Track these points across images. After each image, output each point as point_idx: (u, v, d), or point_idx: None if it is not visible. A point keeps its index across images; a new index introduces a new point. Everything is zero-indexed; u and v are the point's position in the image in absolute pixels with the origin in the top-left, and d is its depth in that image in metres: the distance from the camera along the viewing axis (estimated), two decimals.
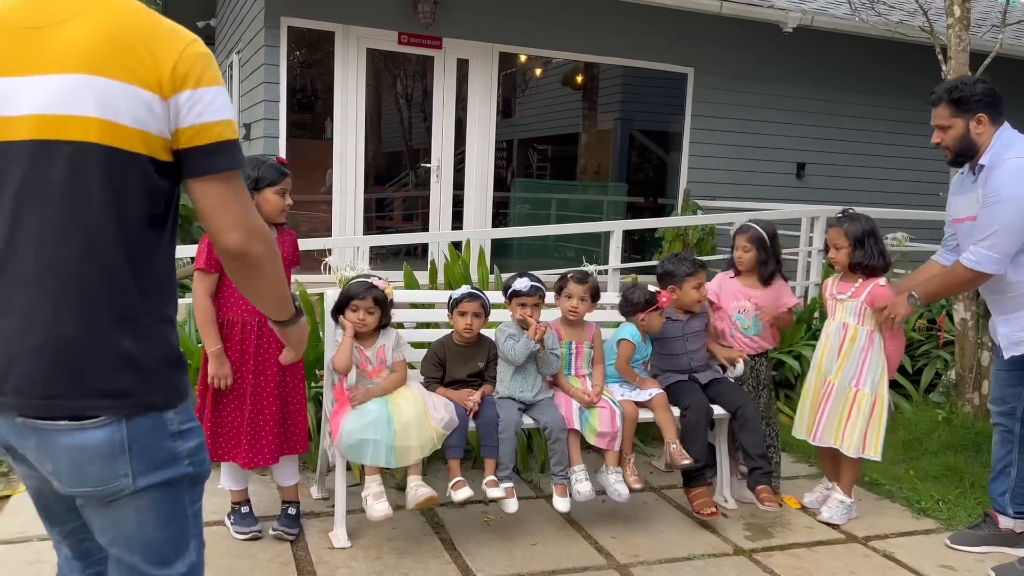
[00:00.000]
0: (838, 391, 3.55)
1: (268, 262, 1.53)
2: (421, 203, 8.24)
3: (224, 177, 1.46)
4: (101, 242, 1.40)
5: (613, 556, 3.17)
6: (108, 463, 1.43)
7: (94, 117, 1.35)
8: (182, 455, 1.52)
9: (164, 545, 1.55)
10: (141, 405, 1.45)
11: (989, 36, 8.17)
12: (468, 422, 3.21)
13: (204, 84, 1.43)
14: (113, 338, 1.42)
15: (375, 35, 7.62)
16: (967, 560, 3.28)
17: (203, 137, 1.43)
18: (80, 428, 1.41)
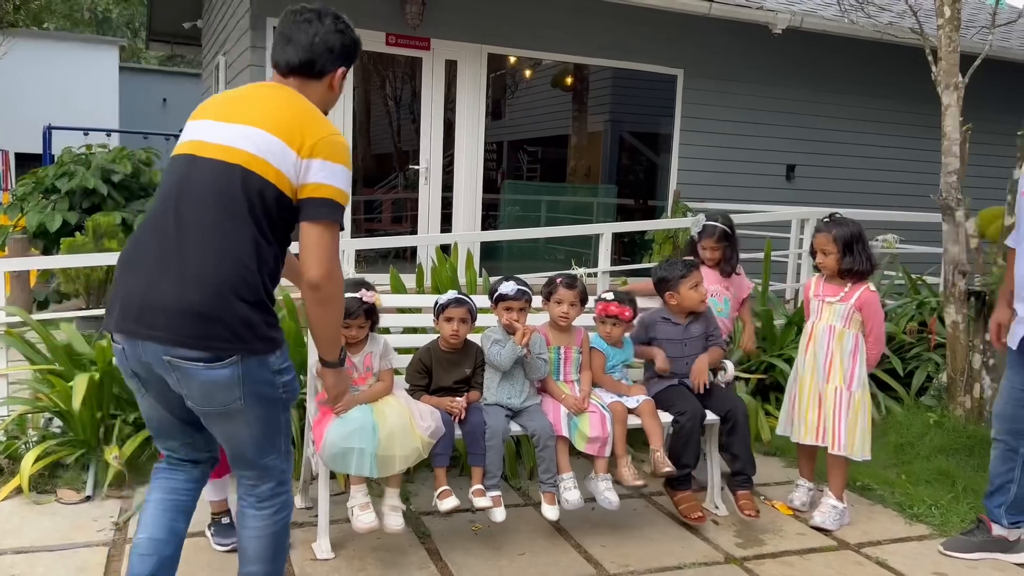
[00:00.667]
0: (827, 393, 3.57)
1: (336, 301, 2.16)
2: (410, 205, 8.18)
3: (323, 224, 2.08)
4: (238, 235, 2.03)
5: (603, 565, 3.12)
6: (229, 391, 2.05)
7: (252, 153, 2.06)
8: (279, 385, 2.16)
9: (264, 442, 2.19)
10: (251, 351, 2.05)
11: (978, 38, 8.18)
12: (455, 429, 3.15)
13: (331, 160, 2.10)
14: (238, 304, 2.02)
15: (362, 36, 7.46)
16: (960, 567, 3.24)
17: (319, 192, 2.08)
18: (209, 367, 2.02)
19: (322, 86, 2.26)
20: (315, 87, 2.25)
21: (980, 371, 4.66)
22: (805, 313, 3.83)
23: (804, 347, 3.68)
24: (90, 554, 3.01)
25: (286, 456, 2.29)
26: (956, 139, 4.67)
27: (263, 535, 2.26)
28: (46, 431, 3.80)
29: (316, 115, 2.15)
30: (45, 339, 3.89)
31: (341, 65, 2.28)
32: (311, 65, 2.22)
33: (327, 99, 2.30)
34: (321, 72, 2.24)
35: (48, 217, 7.33)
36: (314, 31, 2.21)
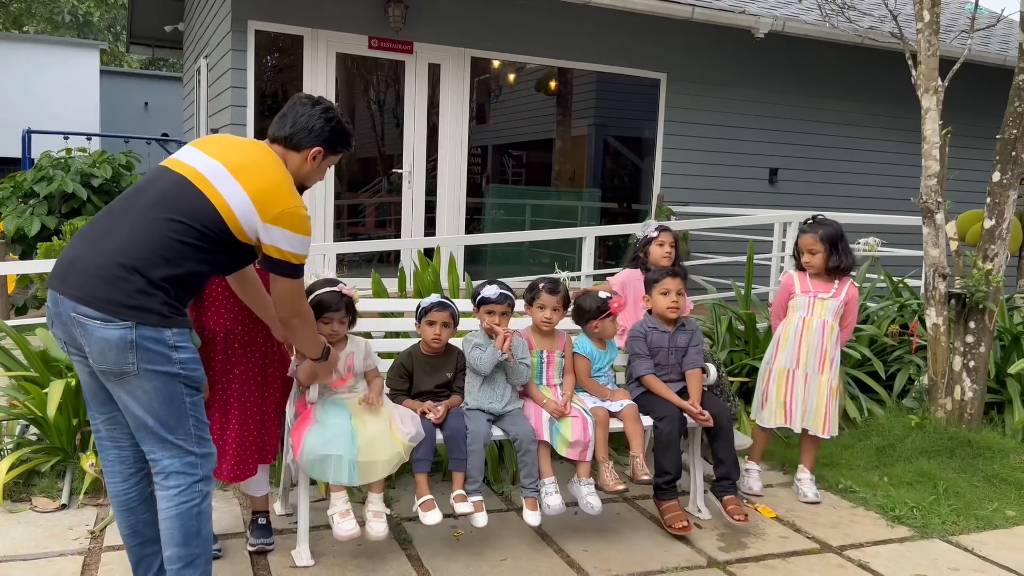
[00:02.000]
0: (821, 383, 3.79)
1: (305, 326, 2.63)
2: (393, 209, 8.14)
3: (289, 279, 2.48)
4: (163, 231, 2.28)
5: (585, 570, 3.10)
6: (121, 352, 2.23)
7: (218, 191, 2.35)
8: (175, 360, 2.30)
9: (166, 417, 2.32)
10: (145, 320, 2.24)
11: (957, 42, 8.26)
12: (436, 434, 3.13)
13: (292, 231, 2.42)
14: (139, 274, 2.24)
15: (344, 39, 7.53)
16: (943, 569, 3.25)
17: (284, 256, 2.44)
18: (104, 326, 2.21)
19: (300, 158, 2.58)
20: (294, 158, 2.57)
21: (961, 373, 4.68)
22: (779, 307, 3.95)
23: (796, 341, 3.81)
24: (65, 563, 2.96)
25: (197, 442, 2.38)
26: (936, 142, 4.70)
27: (168, 516, 2.36)
28: (21, 438, 3.75)
29: (288, 187, 2.44)
30: (20, 345, 3.83)
31: (318, 145, 2.58)
32: (290, 138, 2.57)
33: (303, 171, 2.60)
34: (298, 146, 2.57)
35: (27, 221, 7.25)
36: (304, 112, 2.58)
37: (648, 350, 3.60)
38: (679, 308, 3.59)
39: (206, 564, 2.42)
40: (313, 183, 2.69)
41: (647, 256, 3.92)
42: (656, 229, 3.94)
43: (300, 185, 2.59)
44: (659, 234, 3.92)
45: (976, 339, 4.67)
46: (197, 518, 2.38)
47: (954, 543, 3.50)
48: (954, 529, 3.63)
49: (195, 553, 2.38)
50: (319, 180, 2.70)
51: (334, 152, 2.65)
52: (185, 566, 2.37)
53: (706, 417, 3.44)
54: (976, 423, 4.65)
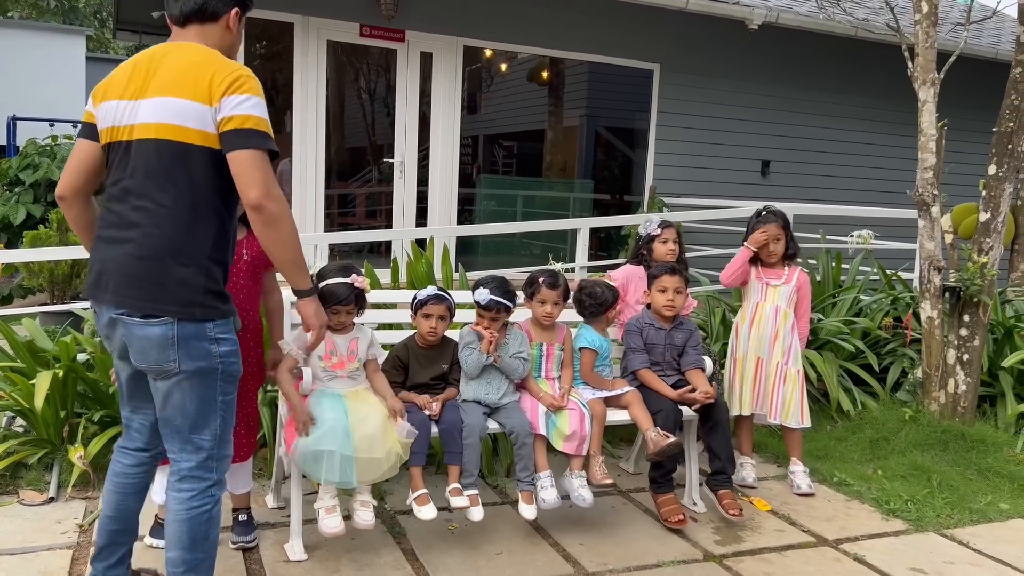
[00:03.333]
0: (769, 368, 3.86)
1: (282, 220, 2.17)
2: (384, 199, 8.08)
3: (252, 151, 2.13)
4: (191, 205, 2.15)
5: (581, 564, 3.08)
6: (163, 350, 2.16)
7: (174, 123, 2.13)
8: (216, 355, 2.22)
9: (196, 415, 2.23)
10: (188, 315, 2.16)
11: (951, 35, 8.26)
12: (430, 428, 3.09)
13: (244, 93, 2.14)
14: (175, 267, 2.14)
15: (336, 27, 7.44)
16: (938, 563, 3.25)
17: (243, 124, 2.13)
18: (144, 323, 2.14)
19: (219, 29, 2.30)
20: (213, 31, 2.29)
21: (955, 366, 4.68)
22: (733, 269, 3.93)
23: (748, 326, 3.92)
24: (53, 557, 2.91)
25: (219, 443, 2.29)
26: (933, 135, 4.69)
27: (178, 519, 2.27)
28: (8, 430, 3.69)
29: (218, 60, 2.19)
30: (7, 335, 3.76)
31: (235, 5, 2.32)
32: (204, 9, 2.26)
33: (228, 42, 2.33)
34: (215, 14, 2.28)
35: (12, 210, 7.15)
36: None
37: (643, 345, 3.57)
38: (675, 306, 3.56)
39: (209, 570, 2.35)
40: (236, 53, 2.41)
41: (650, 253, 3.88)
42: (659, 226, 3.90)
43: None
44: (662, 231, 3.88)
45: (970, 332, 4.67)
46: (206, 524, 2.30)
47: (949, 536, 3.50)
48: (949, 522, 3.63)
49: (199, 558, 2.31)
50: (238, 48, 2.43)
51: (247, 8, 2.39)
52: (188, 570, 2.29)
53: (709, 393, 3.42)
54: (969, 416, 4.66)
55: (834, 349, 5.04)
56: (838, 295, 5.57)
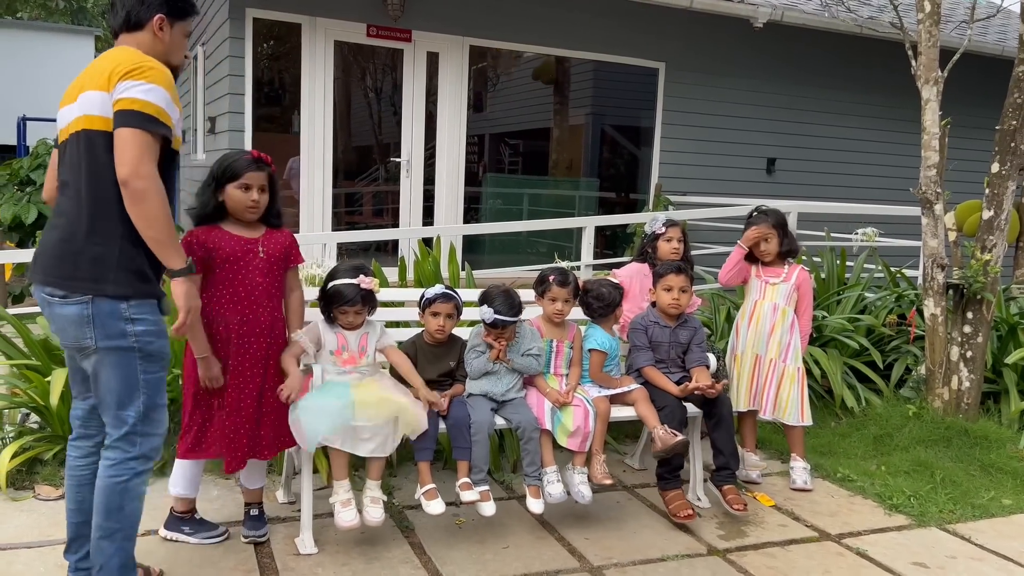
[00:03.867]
0: (769, 367, 3.90)
1: (148, 198, 2.24)
2: (391, 198, 8.13)
3: (129, 129, 2.24)
4: (94, 188, 2.30)
5: (586, 558, 3.12)
6: (79, 328, 2.30)
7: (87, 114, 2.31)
8: (130, 334, 2.33)
9: (121, 393, 2.36)
10: (102, 292, 2.29)
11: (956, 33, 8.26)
12: (438, 423, 3.14)
13: (136, 79, 2.27)
14: (89, 247, 2.29)
15: (343, 27, 7.49)
16: (940, 557, 3.28)
17: (125, 105, 2.26)
18: (63, 301, 2.30)
19: (148, 35, 2.45)
20: (142, 37, 2.45)
21: (958, 363, 4.71)
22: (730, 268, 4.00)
23: (746, 324, 3.98)
24: None
25: (145, 420, 2.40)
26: (936, 133, 4.71)
27: (99, 486, 2.41)
28: (23, 427, 3.75)
29: (127, 55, 2.33)
30: (22, 333, 3.83)
31: (158, 12, 2.45)
32: (128, 20, 2.44)
33: (157, 48, 2.46)
34: (139, 23, 2.44)
35: (23, 209, 7.21)
36: None
37: (648, 343, 3.61)
38: (680, 305, 3.60)
39: (123, 540, 2.44)
40: (180, 60, 2.54)
41: (655, 251, 3.92)
42: (664, 225, 3.94)
43: (168, 66, 2.42)
44: (667, 230, 3.92)
45: (974, 329, 4.69)
46: (121, 495, 2.40)
47: (951, 531, 3.54)
48: (951, 518, 3.66)
49: (114, 528, 2.41)
50: (183, 55, 2.56)
51: (178, 15, 2.50)
52: (103, 537, 2.41)
53: (715, 389, 3.45)
54: (973, 413, 4.69)
55: (838, 346, 5.08)
56: (843, 292, 5.60)
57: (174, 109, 2.36)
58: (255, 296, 2.89)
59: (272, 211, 2.97)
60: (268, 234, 2.96)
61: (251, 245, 2.90)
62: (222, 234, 2.88)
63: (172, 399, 3.47)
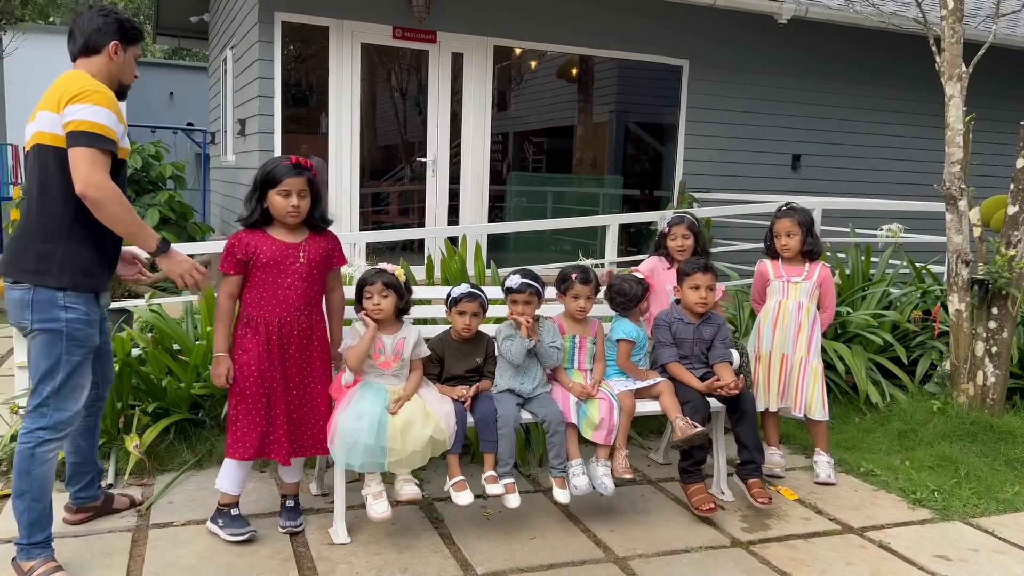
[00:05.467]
0: (793, 363, 3.95)
1: (106, 204, 2.61)
2: (417, 197, 8.24)
3: (79, 149, 2.59)
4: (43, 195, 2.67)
5: (611, 549, 3.20)
6: (21, 309, 2.69)
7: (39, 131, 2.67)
8: (61, 319, 2.69)
9: (42, 365, 2.69)
10: (43, 284, 2.67)
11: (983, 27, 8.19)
12: (466, 417, 3.23)
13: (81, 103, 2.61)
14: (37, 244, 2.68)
15: (369, 29, 7.61)
16: (962, 550, 3.31)
17: (73, 127, 2.60)
18: (11, 287, 2.69)
19: (103, 59, 2.81)
20: (98, 61, 2.81)
21: (983, 359, 4.71)
22: (757, 294, 4.13)
23: (772, 324, 4.00)
24: (114, 539, 3.10)
25: (59, 395, 2.70)
26: (960, 129, 4.71)
27: (14, 451, 2.75)
28: None
29: (74, 80, 2.68)
30: None
31: (112, 39, 2.81)
32: (86, 46, 2.80)
33: (112, 70, 2.83)
34: (96, 48, 2.80)
35: None
36: (85, 21, 2.81)
37: (672, 340, 3.67)
38: (707, 304, 3.65)
39: (32, 502, 2.70)
40: (129, 79, 2.91)
41: (667, 249, 3.99)
42: (668, 224, 3.99)
43: (119, 85, 2.85)
44: (670, 228, 3.97)
45: (999, 325, 4.69)
46: (28, 460, 2.69)
47: (974, 525, 3.56)
48: (975, 512, 3.68)
49: (23, 489, 2.70)
50: (132, 75, 2.92)
51: (130, 41, 2.87)
52: (15, 496, 2.71)
53: (735, 385, 3.49)
54: (998, 408, 4.69)
55: (863, 342, 5.09)
56: (867, 288, 5.61)
57: (118, 125, 2.71)
58: (291, 300, 3.01)
59: (315, 214, 3.07)
60: (311, 238, 3.06)
61: (292, 250, 3.01)
62: (264, 238, 3.00)
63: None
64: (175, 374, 3.93)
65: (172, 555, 2.99)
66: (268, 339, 2.99)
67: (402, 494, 3.10)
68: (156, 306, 4.38)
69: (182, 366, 3.93)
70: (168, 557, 2.97)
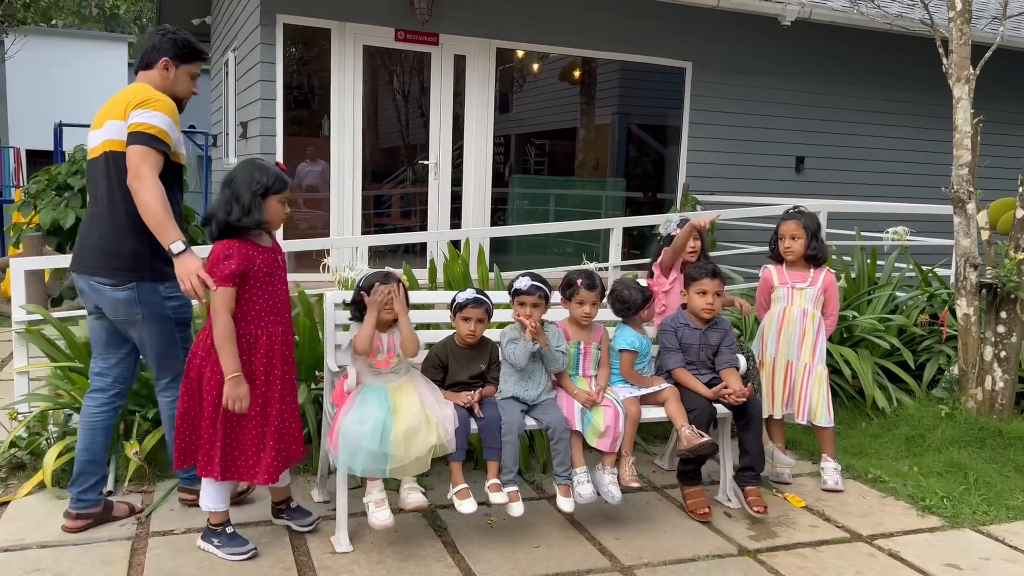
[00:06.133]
0: (798, 369, 3.92)
1: (142, 192, 2.85)
2: (419, 200, 8.20)
3: (133, 147, 2.88)
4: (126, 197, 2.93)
5: (617, 558, 3.15)
6: (129, 307, 3.01)
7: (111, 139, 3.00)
8: (168, 308, 3.08)
9: (163, 348, 3.11)
10: (143, 279, 3.01)
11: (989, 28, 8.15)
12: (470, 423, 3.19)
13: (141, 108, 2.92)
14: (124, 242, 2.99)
15: (371, 32, 7.58)
16: (973, 559, 3.27)
17: (131, 128, 2.91)
18: (114, 288, 3.00)
19: (156, 73, 3.10)
20: (151, 75, 3.10)
21: (992, 363, 4.67)
22: (762, 300, 4.08)
23: (776, 330, 3.96)
24: (113, 548, 3.06)
25: (181, 362, 3.05)
26: (968, 132, 4.67)
27: (164, 415, 3.22)
28: (67, 427, 3.85)
29: (138, 90, 2.99)
30: (65, 336, 3.93)
31: (164, 56, 3.08)
32: (143, 61, 3.12)
33: (166, 84, 3.10)
34: (150, 64, 3.10)
35: (62, 214, 7.37)
36: (148, 39, 3.14)
37: (679, 345, 3.63)
38: (714, 309, 3.61)
39: None
40: (185, 94, 3.17)
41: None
42: (678, 226, 3.94)
43: (174, 99, 3.07)
44: (681, 231, 3.90)
45: (1007, 329, 4.65)
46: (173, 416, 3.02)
47: (985, 533, 3.52)
48: (985, 519, 3.64)
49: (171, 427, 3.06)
50: (188, 90, 3.18)
51: (183, 60, 3.12)
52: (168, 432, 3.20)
53: (741, 392, 3.45)
54: (1007, 413, 4.64)
55: (869, 346, 5.05)
56: (873, 292, 5.56)
57: (174, 131, 3.00)
58: (285, 309, 3.00)
59: None
60: (274, 242, 3.05)
61: (275, 255, 2.99)
62: (253, 247, 2.90)
63: None
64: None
65: (172, 564, 2.95)
66: (273, 349, 2.93)
67: (407, 502, 3.07)
68: None
69: None
70: (168, 566, 2.93)
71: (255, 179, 2.86)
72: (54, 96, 16.20)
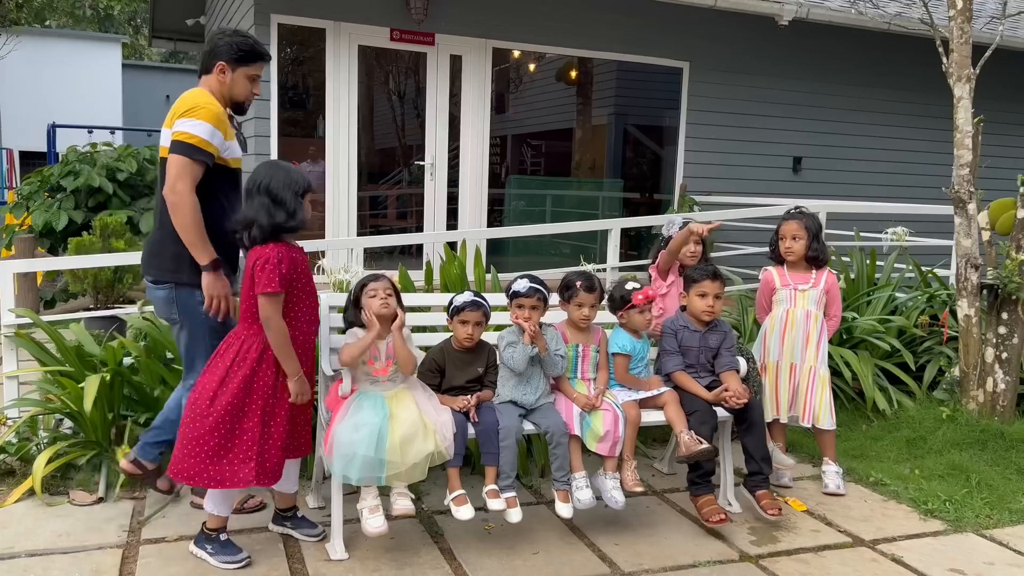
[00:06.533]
0: (802, 372, 3.87)
1: (179, 209, 2.93)
2: (415, 201, 8.15)
3: (174, 156, 2.95)
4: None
5: (617, 564, 3.10)
6: (168, 306, 3.08)
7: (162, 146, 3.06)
8: (201, 313, 3.03)
9: (193, 347, 3.12)
10: (181, 282, 3.03)
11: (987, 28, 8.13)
12: (467, 429, 3.14)
13: (185, 117, 2.97)
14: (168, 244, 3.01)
15: (367, 32, 7.53)
16: (977, 564, 3.23)
17: (174, 137, 2.96)
18: (156, 286, 3.09)
19: (212, 77, 3.12)
20: (209, 79, 3.13)
21: (993, 365, 4.63)
22: (763, 303, 4.04)
23: (780, 333, 3.91)
24: (104, 556, 3.00)
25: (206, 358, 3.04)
26: (968, 131, 4.64)
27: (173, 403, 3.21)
28: (57, 432, 3.80)
29: (190, 97, 3.02)
30: (55, 340, 3.88)
31: (220, 60, 3.10)
32: (202, 66, 3.16)
33: (223, 88, 3.13)
34: (208, 68, 3.13)
35: (54, 216, 7.32)
36: (209, 42, 3.16)
37: (678, 348, 3.58)
38: (715, 312, 3.56)
39: None
40: (243, 96, 3.17)
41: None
42: (680, 228, 3.89)
43: (232, 102, 3.15)
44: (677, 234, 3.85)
45: (1009, 330, 4.61)
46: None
47: (988, 537, 3.48)
48: (988, 523, 3.60)
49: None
50: (247, 93, 3.17)
51: (238, 62, 3.11)
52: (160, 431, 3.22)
53: (740, 394, 3.40)
54: (1009, 415, 4.60)
55: (869, 348, 5.01)
56: (873, 293, 5.53)
57: (218, 138, 3.00)
58: (316, 313, 3.04)
59: None
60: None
61: (304, 256, 3.00)
62: (293, 249, 2.93)
63: None
64: (168, 384, 3.83)
65: (164, 573, 2.89)
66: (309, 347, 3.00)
67: (395, 508, 3.01)
68: (149, 314, 4.29)
69: (175, 375, 3.84)
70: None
71: (293, 180, 2.86)
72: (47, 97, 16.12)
